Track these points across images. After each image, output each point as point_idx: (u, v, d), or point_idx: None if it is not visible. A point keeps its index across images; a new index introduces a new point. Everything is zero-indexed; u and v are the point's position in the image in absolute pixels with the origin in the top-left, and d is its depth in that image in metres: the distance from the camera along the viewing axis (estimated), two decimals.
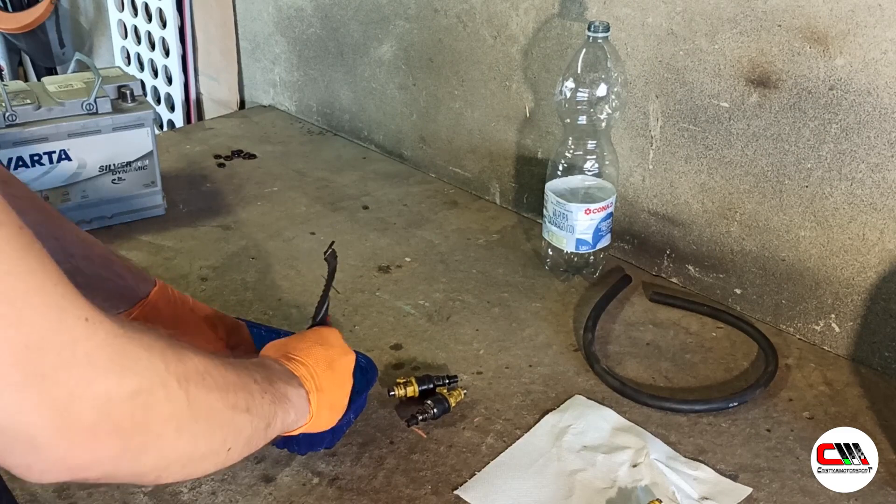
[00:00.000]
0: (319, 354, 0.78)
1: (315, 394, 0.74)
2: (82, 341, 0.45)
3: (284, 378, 0.72)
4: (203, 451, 0.56)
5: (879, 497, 0.86)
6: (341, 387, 0.80)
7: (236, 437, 0.59)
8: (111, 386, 0.46)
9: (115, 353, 0.47)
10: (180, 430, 0.52)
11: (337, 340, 0.83)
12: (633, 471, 0.87)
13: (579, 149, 1.17)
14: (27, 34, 2.29)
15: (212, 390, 0.56)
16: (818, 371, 1.05)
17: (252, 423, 0.61)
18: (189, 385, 0.53)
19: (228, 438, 0.58)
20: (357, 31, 1.60)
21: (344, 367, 0.81)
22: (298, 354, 0.76)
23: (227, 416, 0.58)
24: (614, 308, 1.16)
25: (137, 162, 1.33)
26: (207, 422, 0.55)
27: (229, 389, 0.58)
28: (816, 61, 1.00)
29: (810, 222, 1.06)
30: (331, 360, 0.79)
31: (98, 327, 0.46)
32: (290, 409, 0.70)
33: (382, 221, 1.40)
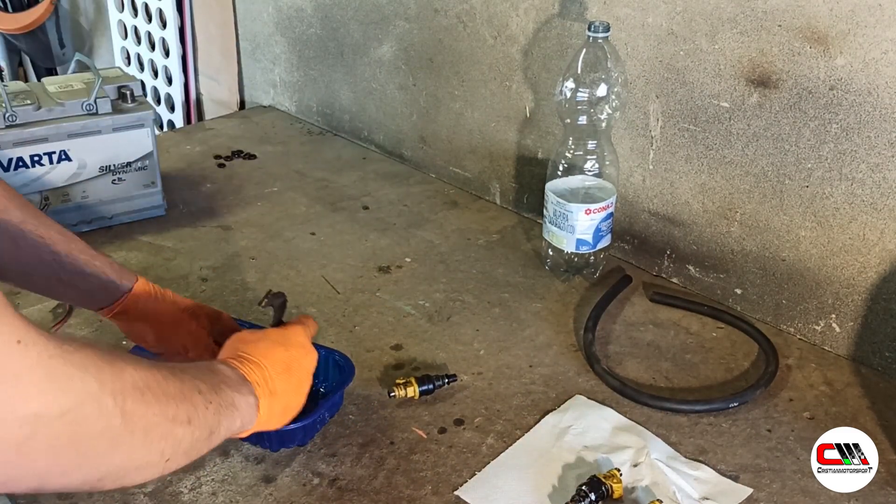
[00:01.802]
0: (278, 356, 0.77)
1: (267, 399, 0.74)
2: (11, 363, 0.46)
3: (234, 385, 0.71)
4: (138, 463, 0.57)
5: (880, 497, 0.86)
6: (297, 390, 0.79)
7: (175, 447, 0.60)
8: (40, 406, 0.47)
9: (46, 374, 0.48)
10: (114, 444, 0.53)
11: (299, 338, 0.82)
12: (633, 471, 0.87)
13: (579, 149, 1.17)
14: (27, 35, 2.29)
15: (150, 404, 0.56)
16: (819, 371, 1.05)
17: (193, 433, 0.62)
18: (125, 400, 0.53)
19: (166, 450, 0.58)
20: (357, 31, 1.60)
21: (303, 369, 0.80)
22: (256, 356, 0.76)
23: (166, 428, 0.58)
24: (615, 308, 1.16)
25: (137, 162, 1.33)
26: (144, 435, 0.56)
27: (170, 402, 0.58)
28: (817, 61, 1.00)
29: (811, 222, 1.06)
30: (289, 363, 0.78)
31: (31, 349, 0.47)
32: (236, 416, 0.70)
33: (382, 222, 1.40)
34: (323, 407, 0.89)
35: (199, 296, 1.17)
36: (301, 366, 0.80)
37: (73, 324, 1.10)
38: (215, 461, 0.89)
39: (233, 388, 0.70)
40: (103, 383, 0.51)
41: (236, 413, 0.69)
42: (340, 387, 0.93)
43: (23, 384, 0.46)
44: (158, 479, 0.86)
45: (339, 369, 0.95)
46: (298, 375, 0.80)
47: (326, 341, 1.07)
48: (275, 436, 0.88)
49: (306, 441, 0.90)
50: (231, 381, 0.71)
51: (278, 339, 0.80)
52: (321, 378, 0.97)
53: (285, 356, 0.78)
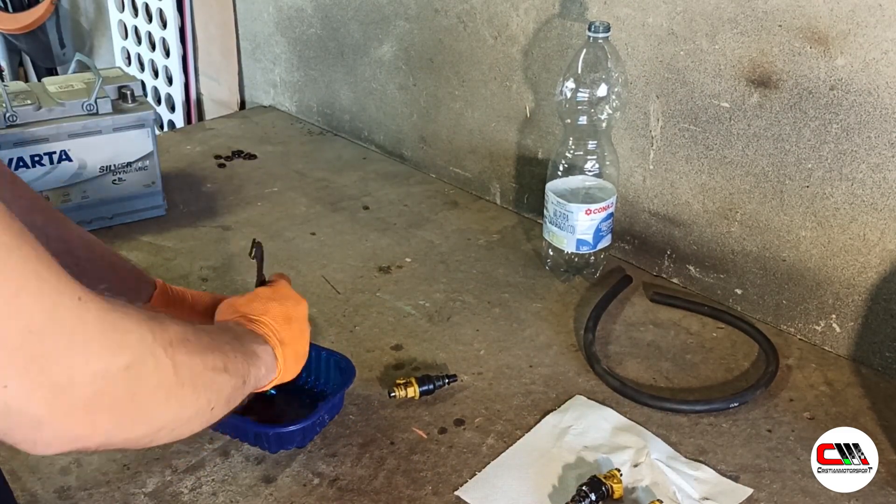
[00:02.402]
0: (276, 310, 0.80)
1: (280, 348, 0.77)
2: (79, 322, 0.47)
3: (250, 338, 0.74)
4: (189, 414, 0.58)
5: (880, 497, 0.86)
6: (301, 336, 0.82)
7: (218, 396, 0.62)
8: (107, 362, 0.48)
9: (108, 329, 0.49)
10: (169, 395, 0.55)
11: (288, 291, 0.85)
12: (634, 471, 0.87)
13: (580, 149, 1.17)
14: (28, 35, 2.29)
15: (193, 354, 0.58)
16: (819, 371, 1.05)
17: (231, 381, 0.64)
18: (174, 352, 0.55)
19: (212, 398, 0.61)
20: (357, 31, 1.60)
21: (300, 316, 0.83)
22: (256, 314, 0.79)
23: (209, 377, 0.60)
24: (615, 308, 1.16)
25: (138, 162, 1.33)
26: (192, 385, 0.58)
27: (207, 352, 0.61)
28: (817, 61, 1.00)
29: (811, 222, 1.06)
30: (287, 314, 0.81)
31: (90, 306, 0.48)
32: (260, 364, 0.73)
33: (383, 222, 1.40)
34: (322, 409, 0.89)
35: None
36: (298, 314, 0.83)
37: None
38: (215, 461, 0.89)
39: (250, 340, 0.74)
40: (155, 334, 0.53)
41: (260, 361, 0.73)
42: (340, 389, 0.93)
43: (89, 341, 0.47)
44: (159, 480, 0.86)
45: (340, 371, 0.95)
46: (298, 323, 0.82)
47: (326, 341, 1.08)
48: (273, 437, 0.88)
49: (305, 443, 0.90)
50: (246, 335, 0.74)
51: (270, 294, 0.83)
52: (322, 379, 0.97)
53: (281, 308, 0.81)
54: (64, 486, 0.85)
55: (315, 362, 0.97)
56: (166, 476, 0.87)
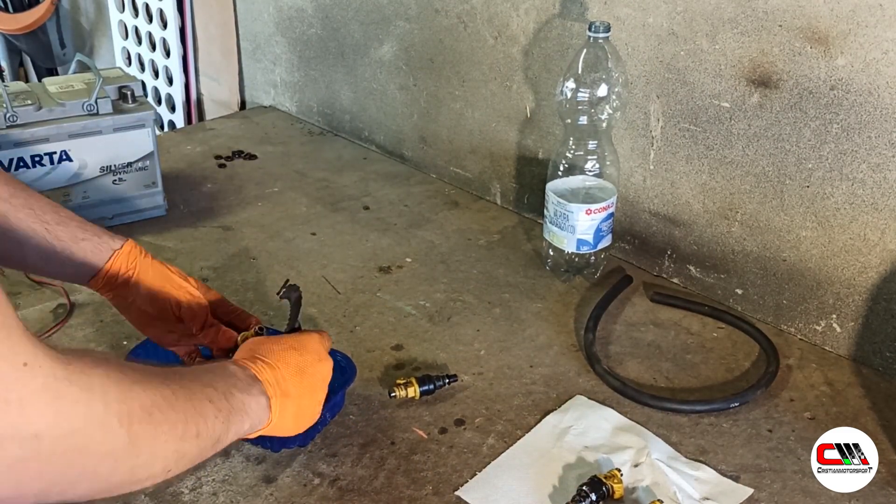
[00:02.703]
0: (291, 359, 0.78)
1: (278, 399, 0.74)
2: (16, 387, 0.45)
3: (244, 387, 0.71)
4: (140, 477, 0.56)
5: (880, 497, 0.86)
6: (311, 394, 0.79)
7: (179, 461, 0.60)
8: (42, 428, 0.47)
9: (51, 397, 0.47)
10: (117, 465, 0.53)
11: (314, 345, 0.82)
12: (634, 471, 0.87)
13: (580, 149, 1.17)
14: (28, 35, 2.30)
15: (159, 424, 0.56)
16: (819, 371, 1.05)
17: (199, 444, 0.62)
18: (132, 422, 0.53)
19: (170, 463, 0.58)
20: (358, 31, 1.60)
21: (317, 373, 0.80)
22: (268, 357, 0.76)
23: (173, 446, 0.58)
24: (615, 308, 1.16)
25: (138, 163, 1.33)
26: (150, 454, 0.55)
27: (178, 421, 0.58)
28: (817, 61, 1.00)
29: (811, 222, 1.06)
30: (302, 366, 0.78)
31: (36, 372, 0.46)
32: (245, 420, 0.70)
33: (383, 222, 1.40)
34: (324, 408, 0.89)
35: None
36: (315, 370, 0.80)
37: (73, 324, 1.10)
38: (216, 461, 0.89)
39: (243, 391, 0.70)
40: (108, 405, 0.51)
41: (245, 417, 0.70)
42: (341, 388, 0.93)
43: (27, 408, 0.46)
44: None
45: (341, 370, 0.95)
46: (312, 380, 0.79)
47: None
48: (275, 436, 0.88)
49: (307, 442, 0.91)
50: (241, 384, 0.71)
51: (293, 343, 0.80)
52: None
53: (299, 360, 0.78)
54: None
55: None
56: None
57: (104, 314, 1.12)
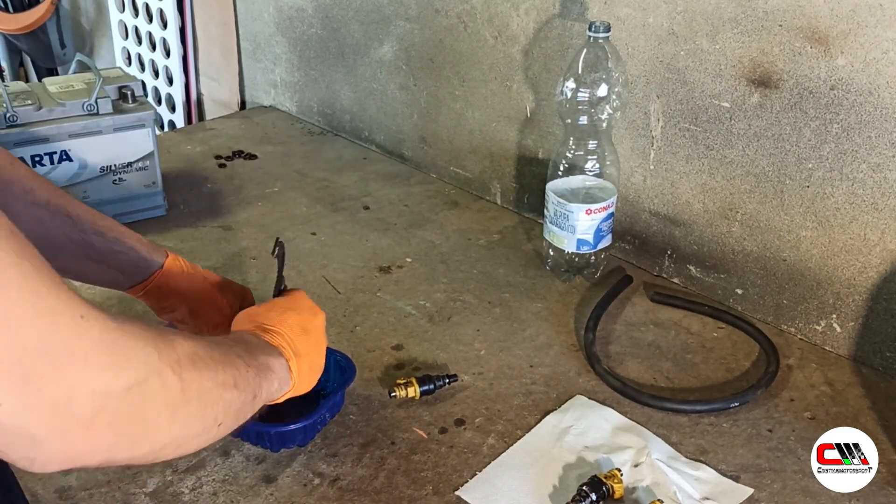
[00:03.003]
0: (292, 320, 0.79)
1: (294, 360, 0.76)
2: (78, 340, 0.46)
3: (264, 350, 0.73)
4: (196, 431, 0.58)
5: (881, 497, 0.86)
6: (317, 348, 0.81)
7: (226, 412, 0.61)
8: (108, 381, 0.47)
9: (110, 348, 0.48)
10: (175, 415, 0.54)
11: (305, 302, 0.84)
12: (634, 471, 0.87)
13: (580, 149, 1.17)
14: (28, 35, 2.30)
15: (202, 371, 0.57)
16: (819, 371, 1.05)
17: (240, 397, 0.63)
18: (182, 370, 0.54)
19: (219, 415, 0.60)
20: (358, 31, 1.60)
21: (316, 327, 0.82)
22: (273, 324, 0.78)
23: (217, 394, 0.59)
24: (615, 308, 1.16)
25: (138, 162, 1.33)
26: (199, 403, 0.57)
27: (217, 368, 0.60)
28: (817, 61, 1.00)
29: (811, 222, 1.06)
30: (304, 325, 0.80)
31: (92, 324, 0.47)
32: (273, 378, 0.72)
33: (383, 222, 1.40)
34: (323, 407, 0.89)
35: None
36: (314, 325, 0.82)
37: None
38: (216, 461, 0.89)
39: (265, 353, 0.72)
40: (161, 353, 0.52)
41: (273, 375, 0.71)
42: (341, 387, 0.93)
43: (90, 360, 0.46)
44: (159, 480, 0.86)
45: (341, 370, 0.95)
46: (315, 335, 0.81)
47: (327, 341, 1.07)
48: (275, 436, 0.88)
49: (306, 441, 0.91)
50: (261, 347, 0.73)
51: (287, 304, 0.82)
52: (323, 378, 0.97)
53: (298, 319, 0.80)
54: (65, 485, 0.85)
55: None
56: (167, 476, 0.87)
57: None
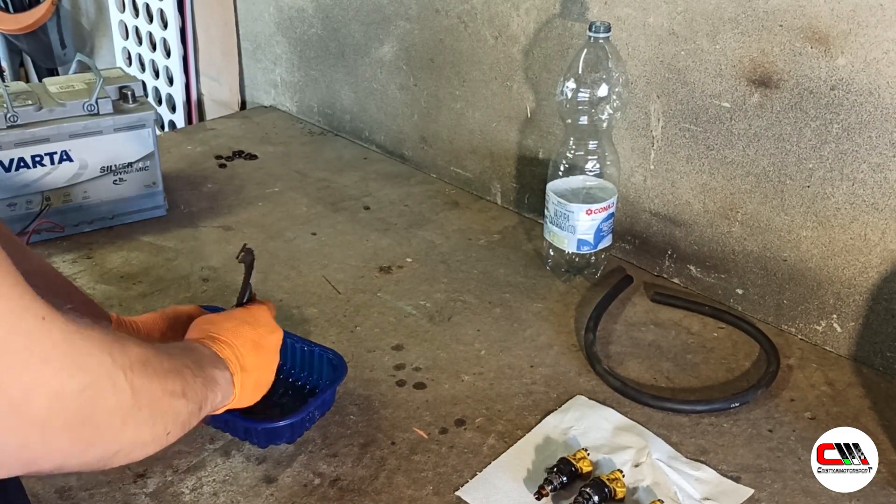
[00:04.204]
0: (246, 334, 0.79)
1: (239, 374, 0.76)
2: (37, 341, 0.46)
3: (211, 361, 0.74)
4: (146, 439, 0.58)
5: (881, 497, 0.86)
6: (266, 366, 0.81)
7: (174, 421, 0.61)
8: (62, 383, 0.48)
9: (67, 350, 0.49)
10: (125, 420, 0.54)
11: (264, 318, 0.84)
12: (635, 471, 0.87)
13: (580, 149, 1.17)
14: (28, 35, 2.30)
15: (153, 379, 0.58)
16: (820, 371, 1.05)
17: (188, 406, 0.64)
18: (133, 375, 0.54)
19: (168, 423, 0.60)
20: (358, 31, 1.60)
21: (270, 345, 0.82)
22: (224, 335, 0.78)
23: (167, 402, 0.60)
24: (616, 308, 1.16)
25: (139, 163, 1.33)
26: (150, 409, 0.57)
27: (167, 376, 0.60)
28: (818, 61, 1.00)
29: (812, 222, 1.06)
30: (257, 340, 0.80)
31: (53, 325, 0.48)
32: (217, 391, 0.72)
33: (383, 222, 1.40)
34: (312, 405, 0.89)
35: (201, 296, 1.17)
36: (268, 342, 0.82)
37: None
38: (216, 461, 0.89)
39: (211, 365, 0.73)
40: (114, 358, 0.53)
41: (217, 387, 0.72)
42: (332, 385, 0.93)
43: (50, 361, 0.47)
44: (160, 480, 0.86)
45: (333, 368, 0.95)
46: (267, 352, 0.81)
47: (327, 341, 1.08)
48: (262, 433, 0.88)
49: (294, 439, 0.91)
50: (209, 358, 0.73)
51: (245, 317, 0.82)
52: (315, 376, 0.98)
53: (253, 334, 0.80)
54: (65, 486, 0.85)
55: (309, 358, 0.98)
56: (167, 476, 0.87)
57: None
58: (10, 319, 0.45)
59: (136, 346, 0.57)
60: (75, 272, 1.22)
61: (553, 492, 0.84)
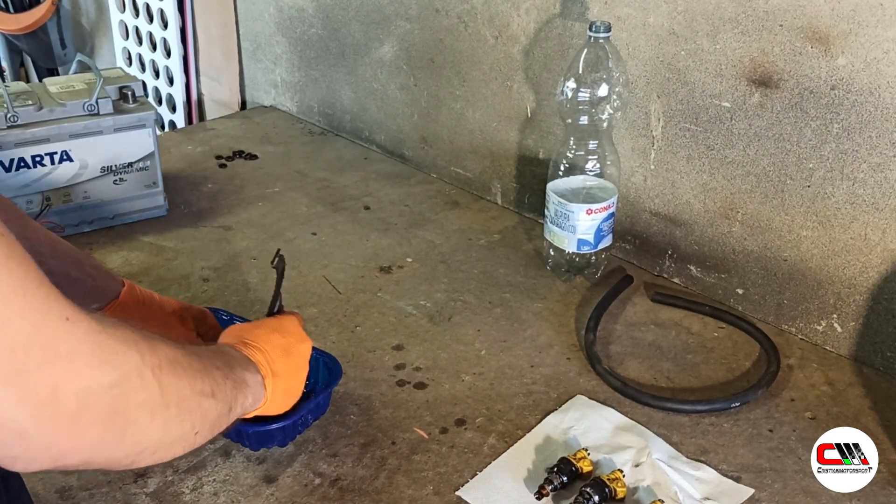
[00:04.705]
0: (276, 341, 0.80)
1: (270, 378, 0.76)
2: (64, 339, 0.48)
3: (242, 364, 0.74)
4: (174, 437, 0.58)
5: (881, 497, 0.86)
6: (296, 373, 0.82)
7: (203, 421, 0.62)
8: (92, 379, 0.49)
9: (94, 348, 0.50)
10: (153, 416, 0.55)
11: (294, 328, 0.85)
12: (635, 471, 0.87)
13: (581, 149, 1.17)
14: (29, 35, 2.30)
15: (181, 377, 0.58)
16: (820, 371, 1.05)
17: (217, 407, 0.64)
18: (161, 373, 0.55)
19: (196, 423, 0.61)
20: (358, 31, 1.60)
21: (300, 353, 0.83)
22: (256, 341, 0.78)
23: (195, 401, 0.60)
24: (616, 308, 1.16)
25: (139, 163, 1.33)
26: (178, 408, 0.58)
27: (196, 376, 0.61)
28: (818, 61, 1.00)
29: (812, 222, 1.06)
30: (287, 347, 0.80)
31: (78, 325, 0.48)
32: (248, 393, 0.72)
33: (384, 222, 1.40)
34: (304, 409, 0.89)
35: (201, 296, 1.17)
36: (298, 350, 0.82)
37: None
38: (217, 461, 0.89)
39: (242, 368, 0.73)
40: (143, 355, 0.53)
41: (248, 390, 0.72)
42: (327, 388, 0.93)
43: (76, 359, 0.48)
44: (160, 480, 0.86)
45: (328, 371, 0.95)
46: (297, 359, 0.82)
47: (328, 341, 1.08)
48: (254, 435, 0.88)
49: (286, 442, 0.90)
50: (240, 361, 0.74)
51: (275, 326, 0.83)
52: (312, 379, 0.97)
53: (283, 341, 0.80)
54: (65, 485, 0.85)
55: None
56: (167, 476, 0.87)
57: None
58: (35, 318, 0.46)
59: (165, 345, 0.57)
60: None
61: (553, 491, 0.84)
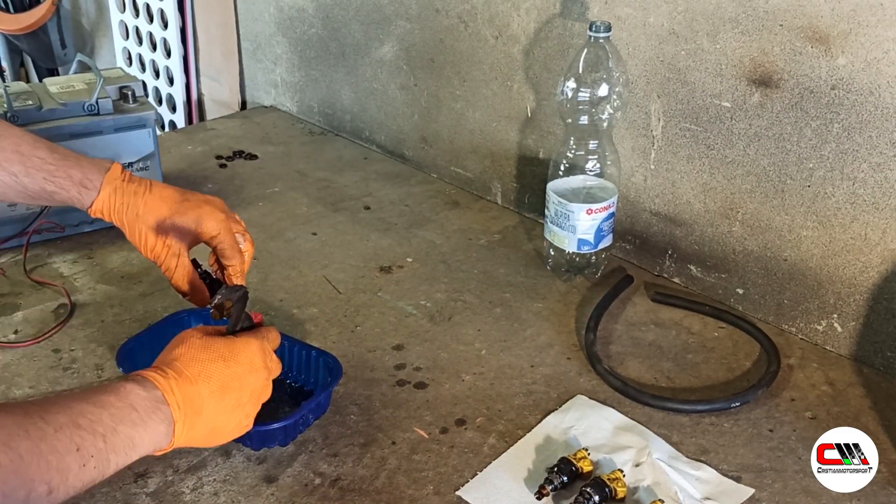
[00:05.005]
0: (215, 373, 0.74)
1: (190, 418, 0.71)
2: None
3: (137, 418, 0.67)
4: None
5: (882, 497, 0.86)
6: (231, 411, 0.75)
7: None
8: None
9: None
10: None
11: (247, 356, 0.77)
12: (635, 471, 0.87)
13: (581, 149, 1.17)
14: (29, 35, 2.30)
15: None
16: (820, 371, 1.05)
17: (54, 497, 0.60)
18: None
19: None
20: (358, 31, 1.60)
21: (244, 388, 0.76)
22: (189, 368, 0.72)
23: None
24: (616, 308, 1.16)
25: (139, 163, 1.33)
26: None
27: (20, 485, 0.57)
28: (818, 61, 1.00)
29: (812, 222, 1.06)
30: (226, 382, 0.74)
31: None
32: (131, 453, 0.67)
33: (384, 222, 1.40)
34: (305, 408, 0.89)
35: None
36: (242, 384, 0.76)
37: (74, 324, 1.10)
38: (217, 461, 0.89)
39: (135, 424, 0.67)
40: None
41: (132, 452, 0.67)
42: (324, 389, 0.93)
43: None
44: (160, 480, 0.86)
45: (329, 371, 0.95)
46: (237, 395, 0.75)
47: (328, 341, 1.08)
48: (255, 435, 0.88)
49: (287, 442, 0.90)
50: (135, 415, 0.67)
51: (224, 352, 0.76)
52: (312, 379, 0.98)
53: (224, 374, 0.74)
54: None
55: (306, 361, 0.98)
56: (168, 476, 0.87)
57: (105, 314, 1.13)
58: None
59: None
60: (76, 272, 1.22)
61: (554, 491, 0.84)
